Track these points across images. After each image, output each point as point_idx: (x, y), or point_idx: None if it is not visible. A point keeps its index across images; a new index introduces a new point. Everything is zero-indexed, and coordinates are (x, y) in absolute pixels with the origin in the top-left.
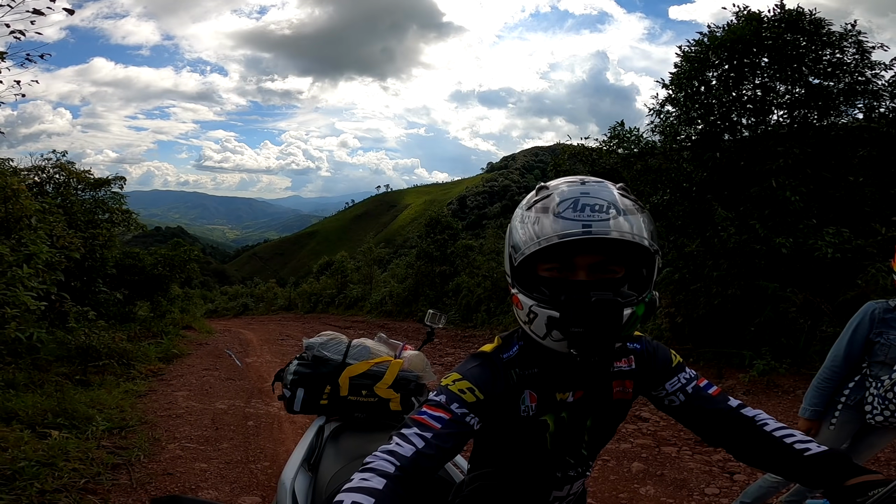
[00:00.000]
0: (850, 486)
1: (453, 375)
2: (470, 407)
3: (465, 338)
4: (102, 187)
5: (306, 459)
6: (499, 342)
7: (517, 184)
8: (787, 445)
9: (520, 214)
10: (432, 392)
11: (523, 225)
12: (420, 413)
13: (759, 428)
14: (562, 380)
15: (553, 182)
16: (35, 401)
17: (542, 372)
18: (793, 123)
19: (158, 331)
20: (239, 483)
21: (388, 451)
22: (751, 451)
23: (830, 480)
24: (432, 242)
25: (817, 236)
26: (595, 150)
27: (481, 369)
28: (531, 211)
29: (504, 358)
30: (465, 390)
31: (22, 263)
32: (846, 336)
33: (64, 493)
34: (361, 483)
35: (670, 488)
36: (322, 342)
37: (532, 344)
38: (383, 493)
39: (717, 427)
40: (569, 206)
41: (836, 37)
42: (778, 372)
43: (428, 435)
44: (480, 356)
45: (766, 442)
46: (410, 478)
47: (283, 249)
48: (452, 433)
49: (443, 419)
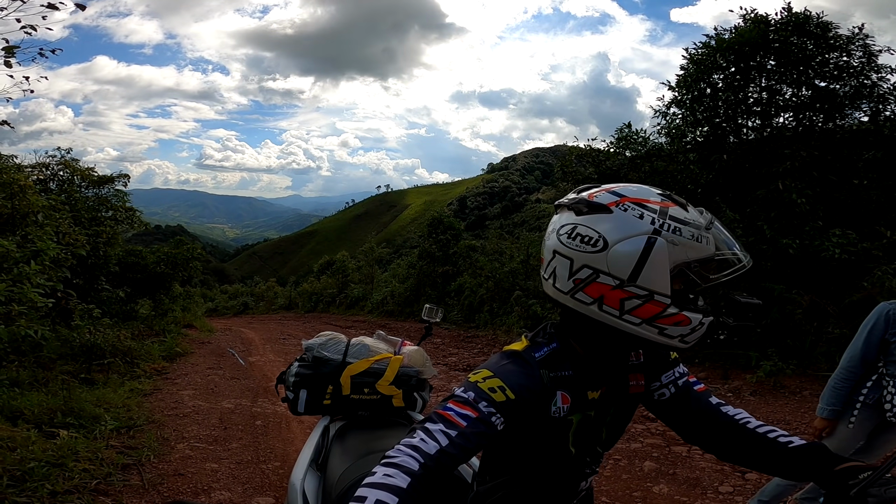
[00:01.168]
0: (839, 470)
1: (483, 372)
2: (498, 407)
3: (467, 338)
4: (106, 185)
5: (314, 459)
6: (527, 342)
7: (517, 185)
8: (771, 440)
9: (691, 233)
10: (458, 388)
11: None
12: (446, 409)
13: (743, 426)
14: (593, 378)
15: (678, 197)
16: (41, 399)
17: (575, 374)
18: (798, 126)
19: (160, 329)
20: (251, 483)
21: (413, 446)
22: (734, 448)
23: (818, 468)
24: (434, 242)
25: (824, 238)
26: (602, 151)
27: (514, 367)
28: (708, 231)
29: (536, 357)
30: (497, 388)
31: (29, 260)
32: (861, 337)
33: (76, 495)
34: (385, 479)
35: (683, 486)
36: (321, 343)
37: (571, 346)
38: (406, 493)
39: (700, 423)
40: (720, 231)
41: (843, 40)
42: (784, 373)
43: (453, 433)
44: (513, 354)
45: (749, 438)
46: (433, 476)
47: (282, 249)
48: (477, 433)
49: (469, 417)
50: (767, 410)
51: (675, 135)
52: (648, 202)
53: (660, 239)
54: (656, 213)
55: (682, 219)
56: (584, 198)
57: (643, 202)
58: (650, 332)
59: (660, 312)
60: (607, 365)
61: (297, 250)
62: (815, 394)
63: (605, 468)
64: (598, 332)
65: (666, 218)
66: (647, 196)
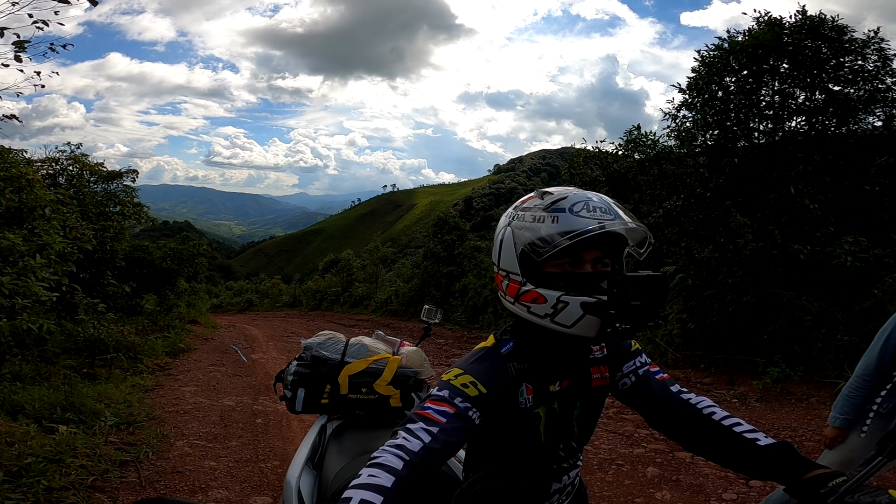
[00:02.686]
0: (808, 479)
1: (454, 371)
2: (472, 401)
3: (471, 339)
4: (115, 180)
5: (310, 458)
6: (493, 340)
7: (524, 186)
8: (736, 434)
9: (532, 215)
10: (433, 388)
11: (539, 224)
12: (424, 408)
13: (706, 416)
14: (551, 372)
15: (554, 189)
16: (42, 394)
17: (532, 366)
18: (811, 130)
19: (165, 325)
20: (250, 482)
21: (397, 445)
22: (697, 438)
23: (786, 473)
24: (440, 243)
25: (835, 244)
26: (610, 153)
27: (482, 363)
28: (547, 212)
29: (503, 352)
30: (468, 384)
31: (35, 254)
32: (877, 346)
33: (72, 491)
34: (370, 479)
35: (686, 493)
36: (320, 342)
37: (525, 340)
38: (391, 491)
39: (661, 411)
40: (582, 207)
41: (859, 44)
42: (792, 380)
43: (434, 429)
44: (480, 351)
45: (712, 429)
46: (419, 473)
47: (288, 246)
48: (457, 427)
49: (447, 413)
50: (773, 417)
51: (685, 138)
52: (528, 201)
53: (508, 228)
54: (516, 208)
55: (527, 206)
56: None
57: (524, 202)
58: (521, 310)
59: (517, 290)
60: (559, 357)
61: (302, 248)
62: (822, 401)
63: (608, 473)
64: (526, 326)
65: (518, 209)
66: (538, 195)
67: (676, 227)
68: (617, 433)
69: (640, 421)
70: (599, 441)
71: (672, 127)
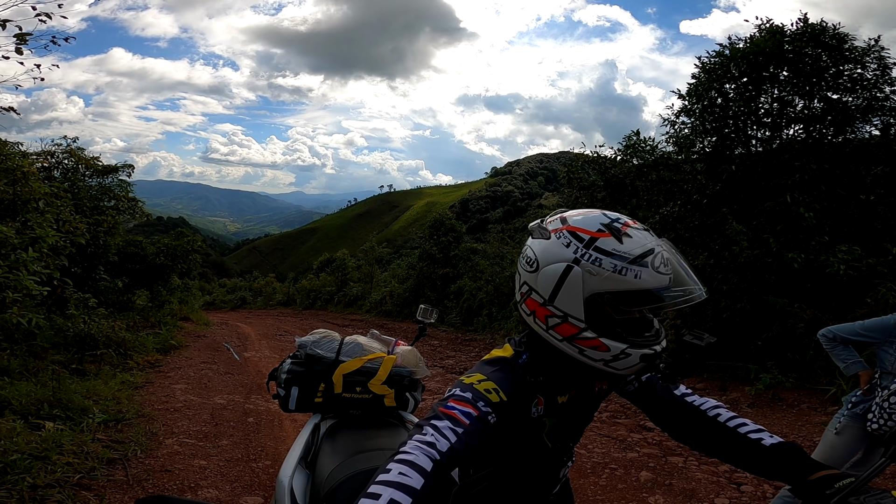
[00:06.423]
0: (813, 480)
1: (478, 375)
2: (493, 407)
3: (465, 341)
4: (110, 174)
5: (303, 457)
6: (512, 350)
7: (520, 190)
8: (741, 435)
9: (612, 264)
10: (454, 388)
11: (621, 277)
12: (449, 407)
13: (712, 417)
14: (562, 385)
15: (630, 226)
16: (29, 389)
17: (546, 380)
18: (808, 138)
19: (156, 321)
20: (240, 482)
21: (427, 443)
22: (702, 439)
23: (793, 475)
24: (436, 244)
25: (829, 253)
26: (609, 159)
27: (504, 373)
28: (633, 265)
29: (520, 364)
30: (491, 390)
31: (27, 247)
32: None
33: (57, 489)
34: (401, 479)
35: (679, 498)
36: (315, 340)
37: (540, 355)
38: (420, 494)
39: (666, 413)
40: (660, 262)
41: (859, 52)
42: (784, 386)
43: (459, 430)
44: (501, 361)
45: (718, 430)
46: (443, 473)
47: (283, 244)
48: (478, 430)
49: (471, 415)
50: (765, 423)
51: (683, 144)
52: (582, 231)
53: (576, 268)
54: (582, 243)
55: (607, 250)
56: (539, 223)
57: (577, 231)
58: (571, 349)
59: (576, 334)
60: (572, 372)
61: (297, 247)
62: (813, 407)
63: (601, 477)
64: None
65: (590, 249)
66: (587, 225)
67: (672, 234)
68: (610, 437)
69: (633, 425)
70: (593, 445)
71: (670, 133)
